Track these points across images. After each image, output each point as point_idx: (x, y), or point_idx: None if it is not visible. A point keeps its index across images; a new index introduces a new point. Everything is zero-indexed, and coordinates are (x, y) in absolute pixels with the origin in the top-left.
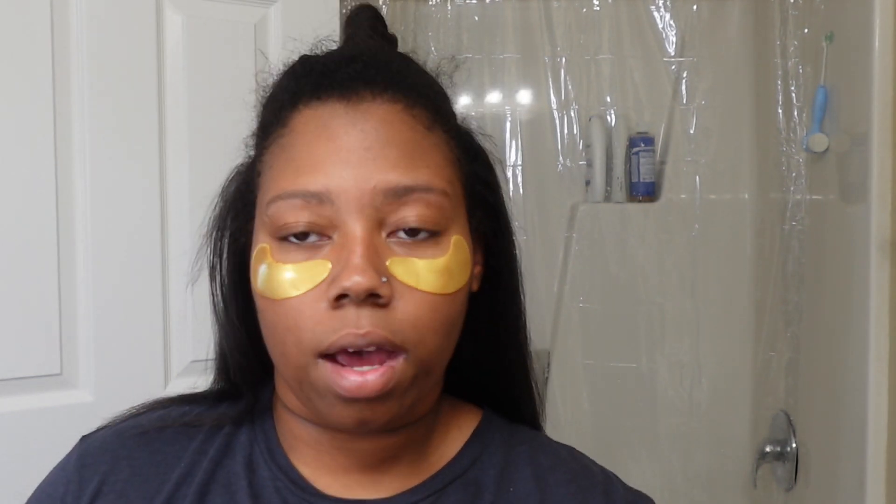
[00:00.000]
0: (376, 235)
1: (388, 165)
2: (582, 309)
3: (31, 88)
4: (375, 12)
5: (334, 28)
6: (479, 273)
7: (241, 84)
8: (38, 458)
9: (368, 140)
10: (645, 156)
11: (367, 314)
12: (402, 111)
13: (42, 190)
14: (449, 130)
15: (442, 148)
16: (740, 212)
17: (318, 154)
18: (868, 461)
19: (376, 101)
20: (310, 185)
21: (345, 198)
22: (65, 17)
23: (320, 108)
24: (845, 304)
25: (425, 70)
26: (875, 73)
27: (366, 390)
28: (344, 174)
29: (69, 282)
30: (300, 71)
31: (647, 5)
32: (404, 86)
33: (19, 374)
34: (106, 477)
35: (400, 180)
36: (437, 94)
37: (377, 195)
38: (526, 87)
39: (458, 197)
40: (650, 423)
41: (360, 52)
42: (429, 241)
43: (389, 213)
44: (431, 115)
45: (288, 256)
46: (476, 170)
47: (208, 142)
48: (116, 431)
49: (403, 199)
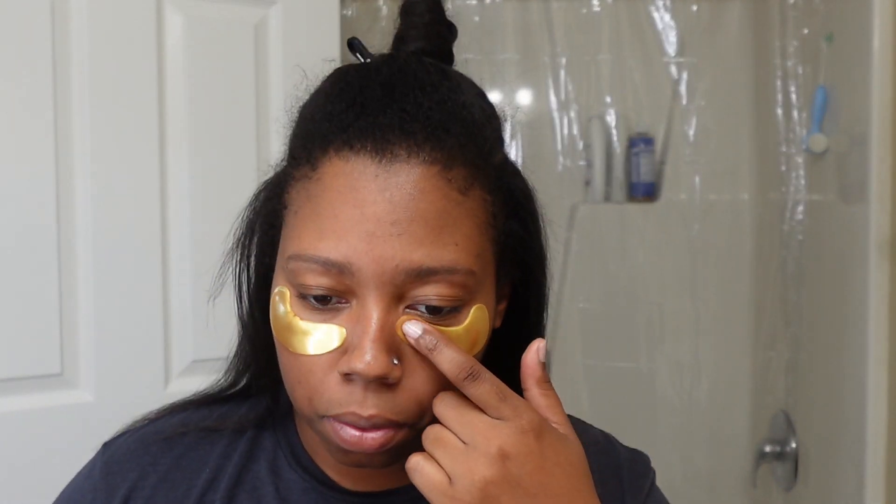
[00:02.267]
0: (394, 310)
1: (414, 244)
2: (582, 309)
3: (31, 88)
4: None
5: (334, 28)
6: (503, 309)
7: (241, 84)
8: (38, 458)
9: (396, 213)
10: (645, 156)
11: (374, 395)
12: (438, 175)
13: (42, 190)
14: (489, 185)
15: (476, 213)
16: (740, 212)
17: (343, 220)
18: (868, 461)
19: (411, 160)
20: (331, 254)
21: (365, 272)
22: (65, 17)
23: (351, 160)
24: (845, 304)
25: (474, 107)
26: (874, 73)
27: (363, 447)
28: (366, 248)
29: (69, 282)
30: (336, 102)
31: (647, 6)
32: (445, 141)
33: (19, 374)
34: (135, 484)
35: (423, 262)
36: (481, 144)
37: (399, 274)
38: (526, 88)
39: (487, 262)
40: (650, 422)
41: (404, 89)
42: (449, 314)
43: (410, 289)
44: (471, 174)
45: (305, 313)
46: (511, 227)
47: (208, 142)
48: (139, 438)
49: (426, 279)
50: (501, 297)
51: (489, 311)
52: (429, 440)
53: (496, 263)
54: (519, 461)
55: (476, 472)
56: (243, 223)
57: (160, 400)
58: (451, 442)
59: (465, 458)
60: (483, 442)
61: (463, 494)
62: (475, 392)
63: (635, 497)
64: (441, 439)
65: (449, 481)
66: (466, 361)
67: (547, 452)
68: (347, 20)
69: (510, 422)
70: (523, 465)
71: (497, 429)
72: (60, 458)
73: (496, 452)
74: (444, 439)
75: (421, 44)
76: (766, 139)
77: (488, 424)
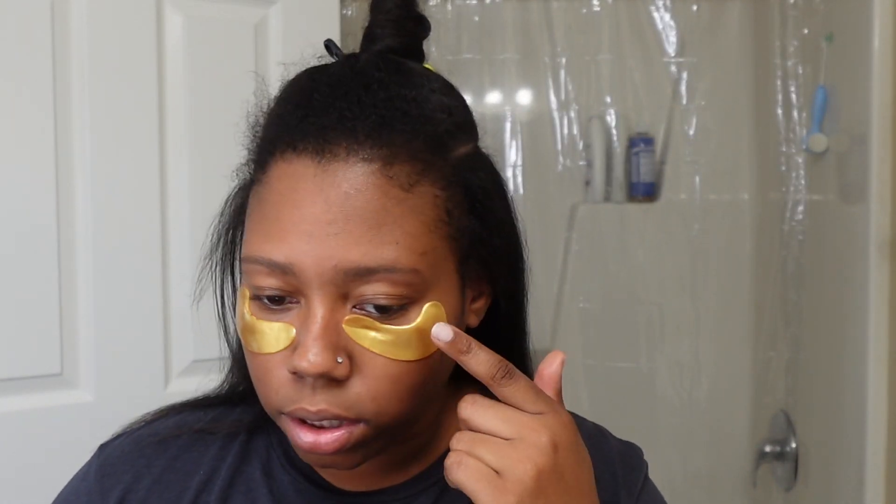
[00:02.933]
0: (340, 309)
1: (351, 243)
2: (582, 309)
3: (31, 88)
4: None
5: (334, 28)
6: (481, 307)
7: (241, 84)
8: (38, 458)
9: (332, 212)
10: (645, 156)
11: (322, 391)
12: (377, 172)
13: (42, 190)
14: (441, 181)
15: (423, 209)
16: (740, 212)
17: (283, 222)
18: (867, 461)
19: (350, 159)
20: (274, 255)
21: (307, 273)
22: (65, 17)
23: (294, 161)
24: (845, 304)
25: (428, 101)
26: (875, 73)
27: (319, 450)
28: (306, 248)
29: (69, 282)
30: (285, 105)
31: (647, 6)
32: (386, 137)
33: (19, 374)
34: (129, 486)
35: (361, 261)
36: (433, 138)
37: (338, 273)
38: (526, 88)
39: (439, 259)
40: (650, 422)
41: (348, 89)
42: (397, 312)
43: (353, 288)
44: (418, 169)
45: (261, 313)
46: (471, 225)
47: (208, 142)
48: (134, 440)
49: (366, 278)
50: (478, 295)
51: (450, 309)
52: (464, 442)
53: (458, 260)
54: (565, 453)
55: (528, 462)
56: (216, 229)
57: (160, 400)
58: (493, 439)
59: (514, 451)
60: (532, 434)
61: (514, 485)
62: (512, 390)
63: (629, 492)
64: (481, 438)
65: (495, 473)
66: (500, 361)
67: (580, 447)
68: (347, 20)
69: (553, 415)
70: (568, 457)
71: (544, 421)
72: (60, 458)
73: (548, 442)
74: (485, 438)
75: (388, 42)
76: (766, 139)
77: (533, 418)
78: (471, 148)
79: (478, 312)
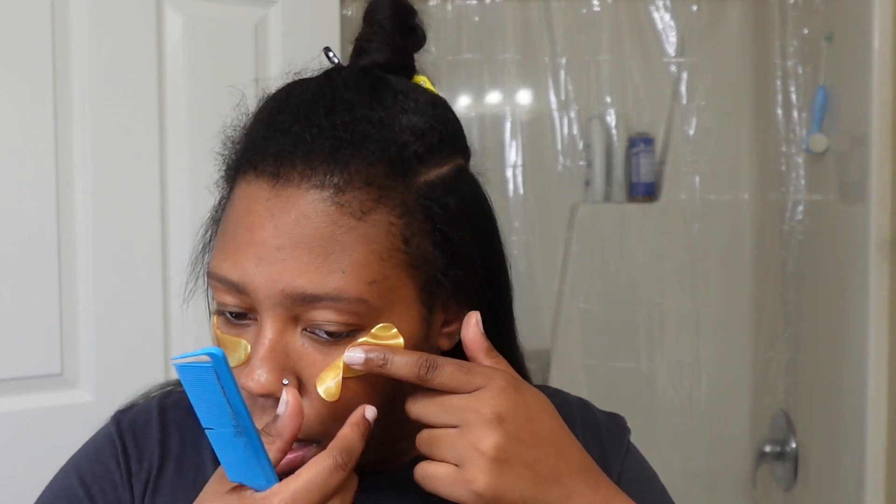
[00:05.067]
0: (290, 331)
1: (298, 270)
2: (582, 309)
3: (31, 88)
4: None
5: (334, 28)
6: (453, 330)
7: (241, 84)
8: (38, 458)
9: (281, 238)
10: (645, 156)
11: (272, 411)
12: (328, 199)
13: (42, 190)
14: (400, 208)
15: (375, 237)
16: (740, 212)
17: (238, 242)
18: (867, 461)
19: (302, 185)
20: (229, 274)
21: (258, 294)
22: (65, 17)
23: (252, 182)
24: (845, 304)
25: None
26: (874, 73)
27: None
28: (256, 271)
29: (69, 282)
30: (254, 121)
31: (647, 6)
32: (342, 163)
33: (19, 374)
34: (163, 445)
35: (306, 288)
36: (396, 164)
37: (286, 297)
38: (526, 88)
39: (391, 287)
40: (650, 422)
41: (313, 109)
42: (346, 337)
43: (301, 312)
44: (374, 196)
45: (225, 327)
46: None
47: (208, 142)
48: (158, 405)
49: (312, 304)
50: (452, 319)
51: (409, 335)
52: (423, 444)
53: (419, 287)
54: (512, 418)
55: (481, 444)
56: (201, 237)
57: None
58: (443, 433)
59: (463, 439)
60: (474, 415)
61: (475, 472)
62: (440, 379)
63: (616, 454)
64: (433, 435)
65: (456, 468)
66: (419, 357)
67: (529, 401)
68: (347, 20)
69: (488, 387)
70: (516, 420)
71: (480, 398)
72: (60, 458)
73: (491, 417)
74: (436, 434)
75: (375, 57)
76: (766, 139)
77: (470, 398)
78: (446, 170)
79: (450, 336)
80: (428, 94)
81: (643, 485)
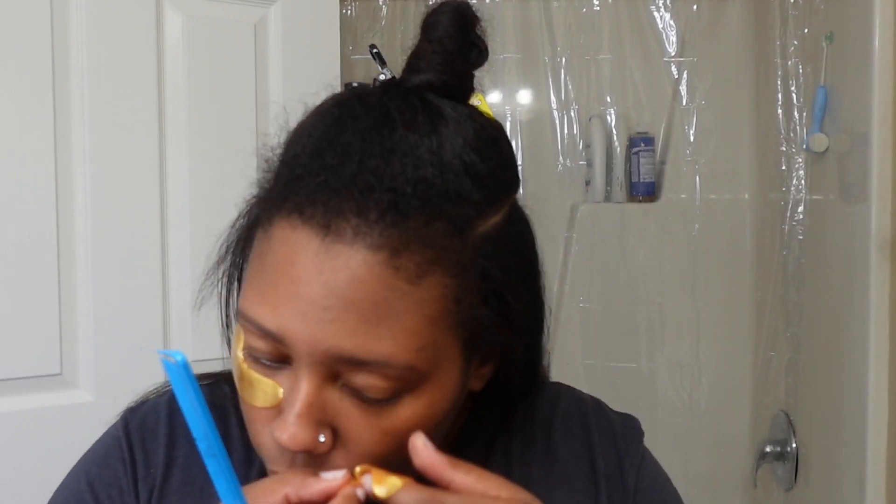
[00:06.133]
0: (328, 387)
1: (345, 332)
2: (582, 309)
3: (31, 88)
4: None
5: (334, 28)
6: (486, 372)
7: (241, 84)
8: (38, 458)
9: (330, 299)
10: (645, 156)
11: (302, 461)
12: (383, 262)
13: (42, 190)
14: (454, 268)
15: (428, 303)
16: (740, 212)
17: (280, 292)
18: (868, 461)
19: (356, 244)
20: (267, 323)
21: (297, 349)
22: (65, 17)
23: (297, 229)
24: (845, 304)
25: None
26: (875, 73)
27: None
28: (298, 327)
29: (69, 282)
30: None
31: (647, 5)
32: (400, 223)
33: (19, 374)
34: (171, 451)
35: (354, 353)
36: (454, 220)
37: (329, 357)
38: (526, 87)
39: (440, 349)
40: (650, 423)
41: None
42: (385, 403)
43: (343, 371)
44: (430, 258)
45: (254, 364)
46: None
47: (208, 142)
48: (167, 405)
49: (357, 367)
50: (485, 360)
51: (447, 392)
52: None
53: (462, 343)
54: None
55: None
56: (226, 241)
57: None
58: None
59: None
60: None
61: None
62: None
63: (632, 462)
64: None
65: None
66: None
67: None
68: (347, 20)
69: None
70: None
71: None
72: (60, 458)
73: None
74: None
75: (429, 77)
76: (766, 139)
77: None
78: (500, 217)
79: (482, 377)
80: (485, 125)
81: (659, 494)
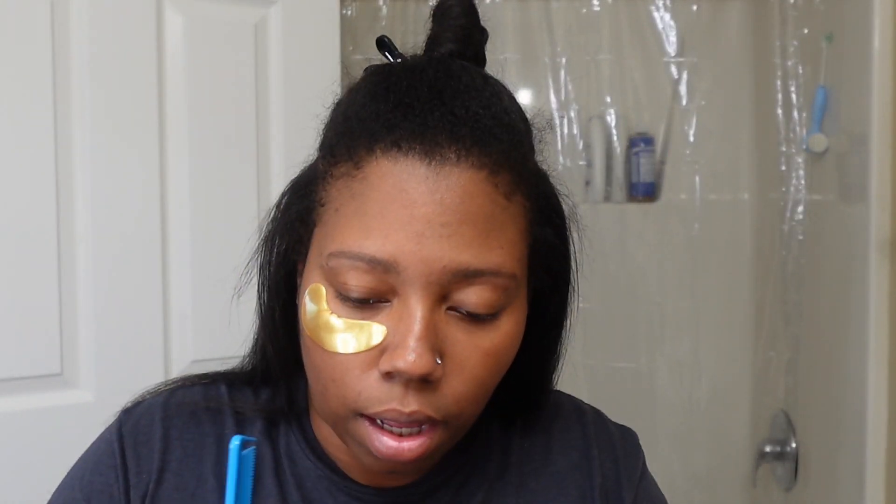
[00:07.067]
0: (437, 310)
1: (463, 244)
2: (582, 309)
3: (31, 88)
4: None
5: (334, 28)
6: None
7: (241, 84)
8: (38, 458)
9: (446, 215)
10: (645, 156)
11: (415, 393)
12: (486, 179)
13: (42, 190)
14: (528, 192)
15: (518, 219)
16: (740, 212)
17: (392, 219)
18: (868, 461)
19: (460, 164)
20: (377, 252)
21: (412, 271)
22: (65, 17)
23: (400, 161)
24: (845, 304)
25: (514, 113)
26: (875, 73)
27: (401, 457)
28: (414, 248)
29: (69, 282)
30: (381, 101)
31: (647, 5)
32: (492, 146)
33: (19, 374)
34: (164, 455)
35: (471, 263)
36: (522, 150)
37: (445, 274)
38: (526, 87)
39: (524, 267)
40: (650, 422)
41: (451, 92)
42: (488, 319)
43: (454, 290)
44: (515, 180)
45: (343, 311)
46: (545, 235)
47: (208, 142)
48: (162, 406)
49: (471, 279)
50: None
51: (524, 311)
52: None
53: (529, 266)
54: None
55: None
56: (272, 220)
57: None
58: None
59: None
60: None
61: None
62: None
63: (630, 478)
64: None
65: None
66: None
67: None
68: (347, 20)
69: None
70: None
71: None
72: (60, 458)
73: None
74: None
75: (453, 46)
76: (766, 139)
77: None
78: (537, 160)
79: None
80: (508, 88)
81: None
